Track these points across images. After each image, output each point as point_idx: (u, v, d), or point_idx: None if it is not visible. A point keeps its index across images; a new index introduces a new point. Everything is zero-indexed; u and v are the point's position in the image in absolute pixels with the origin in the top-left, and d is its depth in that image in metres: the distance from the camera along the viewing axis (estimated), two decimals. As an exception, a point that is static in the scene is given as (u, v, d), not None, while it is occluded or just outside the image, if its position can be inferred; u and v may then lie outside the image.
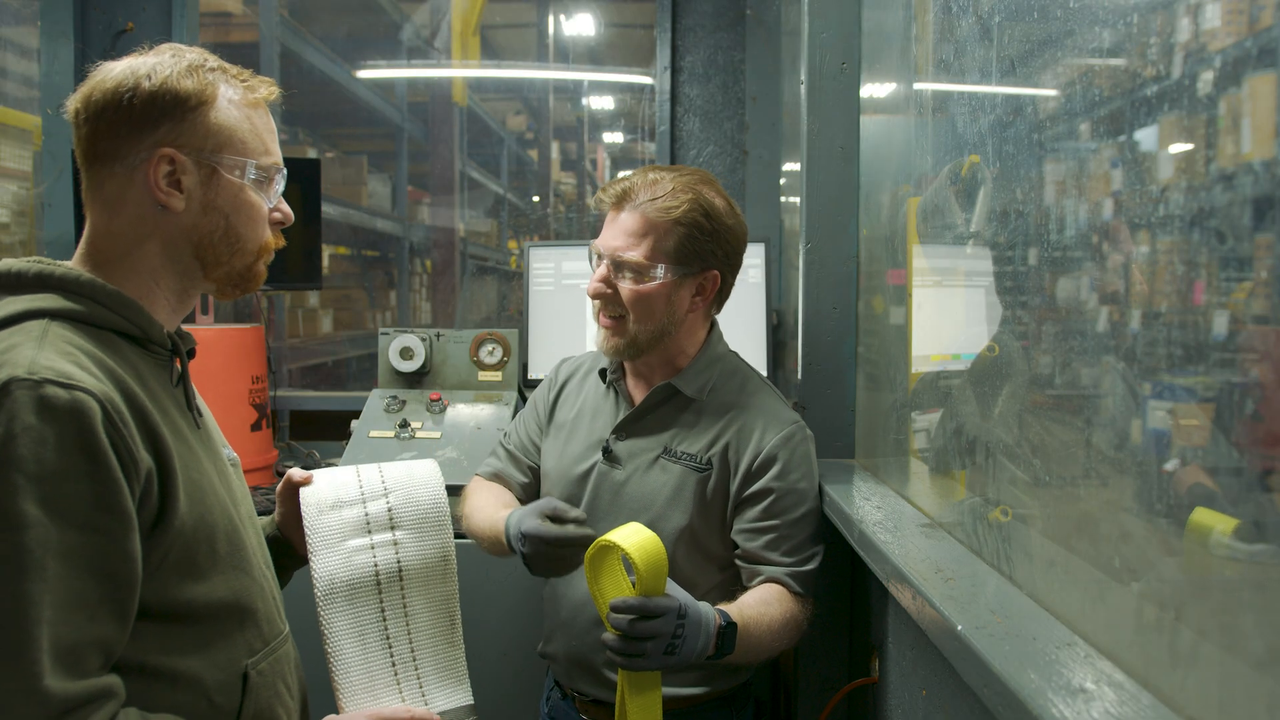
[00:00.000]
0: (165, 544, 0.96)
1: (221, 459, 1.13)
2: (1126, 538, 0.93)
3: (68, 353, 0.93)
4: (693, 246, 1.47)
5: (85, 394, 0.90)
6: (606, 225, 1.52)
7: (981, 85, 1.28)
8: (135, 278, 1.04)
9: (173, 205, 1.02)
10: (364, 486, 1.28)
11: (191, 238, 1.05)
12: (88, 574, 0.88)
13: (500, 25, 5.38)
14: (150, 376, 1.02)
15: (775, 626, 1.42)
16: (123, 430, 0.92)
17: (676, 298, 1.49)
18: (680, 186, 1.47)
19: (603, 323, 1.52)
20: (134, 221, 1.03)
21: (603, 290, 1.49)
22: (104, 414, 0.90)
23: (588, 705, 1.57)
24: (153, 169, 1.01)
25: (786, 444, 1.49)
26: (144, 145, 1.01)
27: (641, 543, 1.26)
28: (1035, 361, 1.13)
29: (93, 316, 0.99)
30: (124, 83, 1.00)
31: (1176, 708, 0.79)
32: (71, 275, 1.00)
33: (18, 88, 3.00)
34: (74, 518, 0.88)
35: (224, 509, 1.05)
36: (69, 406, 0.88)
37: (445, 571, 1.29)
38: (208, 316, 2.55)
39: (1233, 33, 0.77)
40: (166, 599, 0.98)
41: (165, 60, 1.03)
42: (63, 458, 0.88)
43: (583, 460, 1.57)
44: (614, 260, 1.48)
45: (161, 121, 1.01)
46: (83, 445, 0.88)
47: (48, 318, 0.96)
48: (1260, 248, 0.72)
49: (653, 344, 1.51)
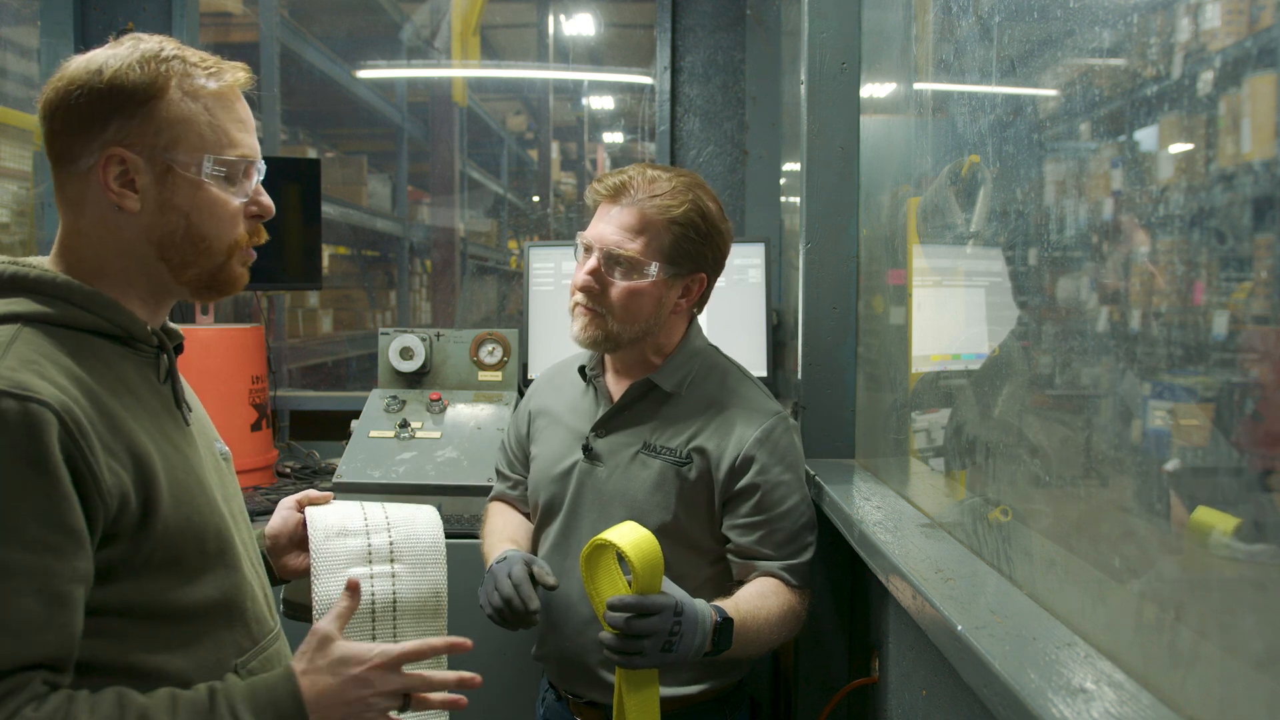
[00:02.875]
0: (150, 545, 0.95)
1: (214, 454, 1.12)
2: (1128, 537, 0.93)
3: (31, 361, 0.90)
4: (687, 248, 1.47)
5: (40, 405, 0.86)
6: (599, 217, 1.50)
7: (981, 85, 1.28)
8: (108, 277, 1.01)
9: (127, 206, 0.98)
10: (369, 519, 1.30)
11: (152, 238, 1.01)
12: (29, 593, 0.85)
13: (500, 25, 5.38)
14: (133, 375, 1.00)
15: (773, 620, 1.42)
16: (81, 443, 0.88)
17: (665, 298, 1.49)
18: (680, 187, 1.47)
19: (581, 312, 1.49)
20: (96, 222, 1.00)
21: (591, 285, 1.48)
22: (61, 426, 0.87)
23: (582, 707, 1.56)
24: (102, 169, 0.97)
25: (767, 438, 1.49)
26: (95, 145, 0.97)
27: (637, 541, 1.26)
28: (1037, 361, 1.13)
29: (67, 319, 0.96)
30: (75, 79, 0.96)
31: (1176, 708, 0.79)
32: (47, 277, 0.97)
33: (18, 88, 3.00)
34: (17, 533, 0.85)
35: (214, 507, 1.04)
36: (19, 418, 0.85)
37: (437, 608, 1.31)
38: (208, 316, 2.55)
39: (1233, 33, 0.77)
40: (153, 600, 0.96)
41: (120, 52, 0.98)
42: (9, 471, 0.85)
43: (564, 459, 1.57)
44: (607, 254, 1.47)
45: (111, 119, 0.97)
46: (32, 458, 0.85)
47: (20, 322, 0.94)
48: (1260, 248, 0.72)
49: (632, 342, 1.50)
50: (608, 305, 1.47)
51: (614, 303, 1.47)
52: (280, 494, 2.33)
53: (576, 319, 1.51)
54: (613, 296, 1.47)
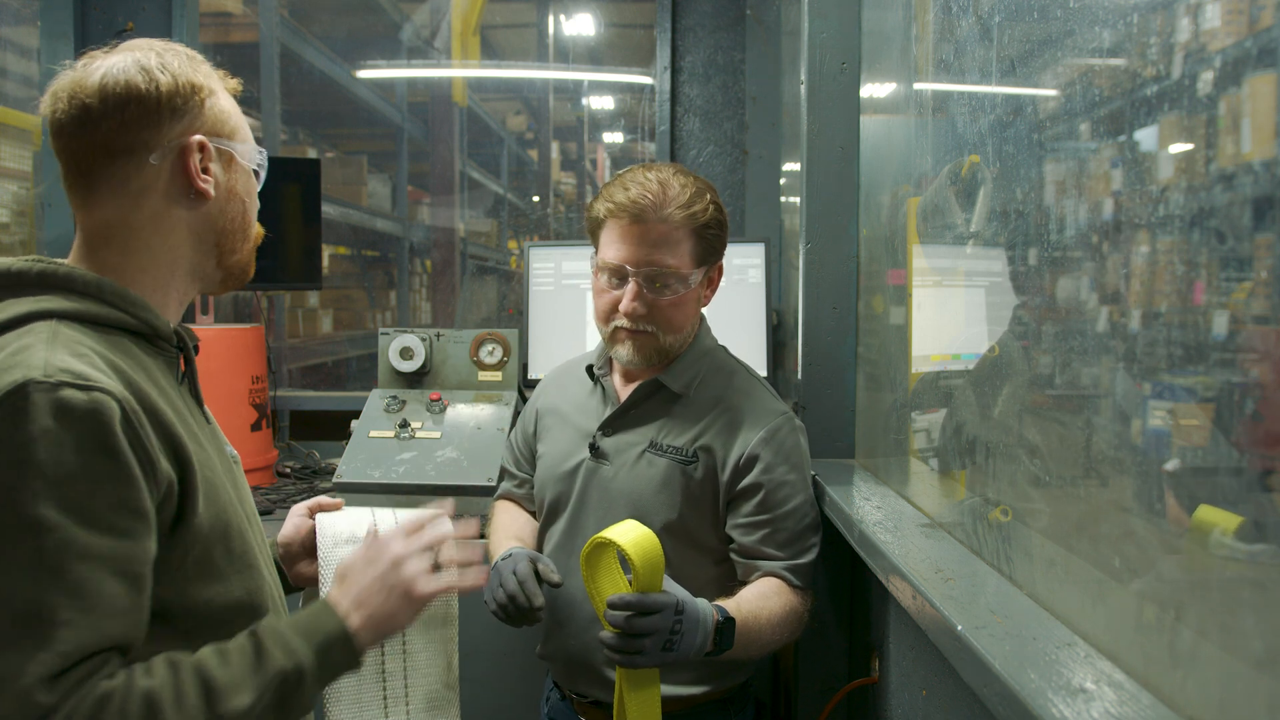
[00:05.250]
0: (186, 544, 0.96)
1: (226, 456, 1.13)
2: (1127, 537, 0.93)
3: (81, 353, 0.92)
4: (711, 244, 1.50)
5: (103, 394, 0.88)
6: (623, 239, 1.46)
7: (981, 85, 1.28)
8: (151, 270, 1.03)
9: (209, 192, 1.03)
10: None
11: (217, 225, 1.06)
12: (112, 576, 0.87)
13: (500, 25, 5.38)
14: (159, 374, 1.01)
15: (775, 620, 1.42)
16: (139, 431, 0.91)
17: (700, 296, 1.53)
18: (692, 188, 1.47)
19: (625, 336, 1.48)
20: (158, 213, 1.02)
21: (639, 310, 1.46)
22: (122, 414, 0.89)
23: (587, 706, 1.56)
24: (191, 158, 1.01)
25: (773, 437, 1.49)
26: (173, 135, 1.01)
27: (637, 539, 1.26)
28: (1037, 361, 1.13)
29: (98, 316, 0.97)
30: (140, 75, 0.99)
31: (1176, 708, 0.79)
32: (76, 274, 0.98)
33: (18, 88, 3.00)
34: (96, 520, 0.87)
35: (234, 508, 1.05)
36: (87, 408, 0.87)
37: (447, 615, 1.31)
38: (208, 316, 2.55)
39: (1233, 33, 0.77)
40: (188, 600, 0.97)
41: (161, 53, 1.02)
42: (82, 460, 0.86)
43: (570, 457, 1.57)
44: (648, 276, 1.45)
45: (185, 111, 1.01)
46: (102, 446, 0.87)
47: (55, 318, 0.95)
48: (1260, 248, 0.72)
49: (684, 345, 1.53)
50: (658, 323, 1.47)
51: (663, 319, 1.47)
52: (280, 494, 2.33)
53: (622, 344, 1.49)
54: (661, 313, 1.47)
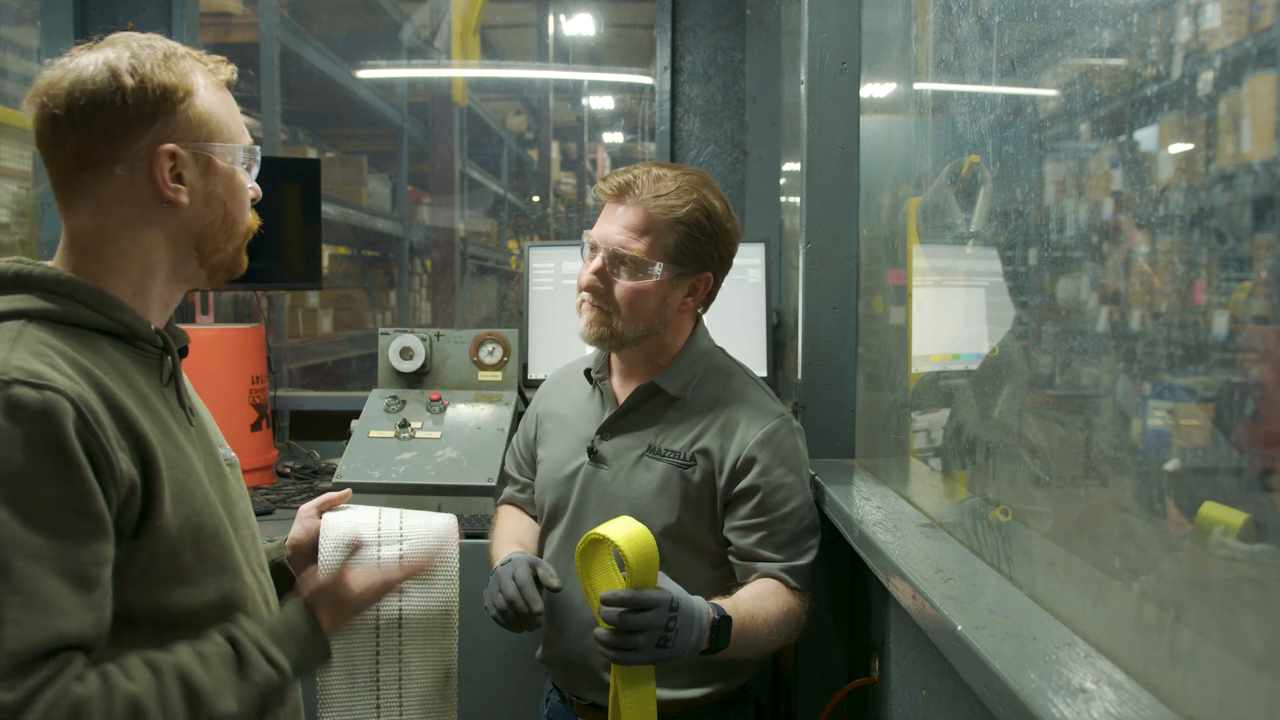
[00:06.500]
0: (152, 545, 0.95)
1: (216, 458, 1.12)
2: (1127, 537, 0.93)
3: (41, 353, 0.91)
4: (692, 247, 1.47)
5: (56, 394, 0.88)
6: (604, 217, 1.51)
7: (981, 85, 1.28)
8: (127, 275, 1.02)
9: (180, 201, 1.01)
10: (382, 530, 1.29)
11: (194, 229, 1.04)
12: (56, 576, 0.86)
13: (500, 25, 5.38)
14: (137, 375, 1.01)
15: (772, 620, 1.41)
16: (97, 432, 0.90)
17: (670, 297, 1.49)
18: (685, 186, 1.47)
19: (588, 308, 1.51)
20: (127, 222, 1.01)
21: (596, 284, 1.48)
22: (77, 414, 0.89)
23: (586, 709, 1.56)
24: (158, 168, 0.99)
25: (770, 439, 1.48)
26: (140, 145, 0.99)
27: (631, 535, 1.26)
28: (1037, 361, 1.13)
29: (71, 315, 0.97)
30: (107, 83, 0.97)
31: (1176, 708, 0.79)
32: (50, 274, 0.98)
33: (18, 88, 2.99)
34: (41, 519, 0.86)
35: (212, 510, 1.04)
36: (38, 406, 0.87)
37: (446, 625, 1.31)
38: (208, 316, 2.55)
39: (1233, 33, 0.77)
40: (154, 604, 0.97)
41: (136, 52, 1.00)
42: (30, 458, 0.86)
43: (569, 462, 1.57)
44: (611, 254, 1.47)
45: (154, 118, 0.99)
46: (51, 446, 0.87)
47: (24, 319, 0.95)
48: (1260, 248, 0.72)
49: (638, 340, 1.50)
50: (613, 304, 1.47)
51: (619, 302, 1.47)
52: (280, 494, 2.33)
53: (583, 315, 1.51)
54: (618, 296, 1.47)
